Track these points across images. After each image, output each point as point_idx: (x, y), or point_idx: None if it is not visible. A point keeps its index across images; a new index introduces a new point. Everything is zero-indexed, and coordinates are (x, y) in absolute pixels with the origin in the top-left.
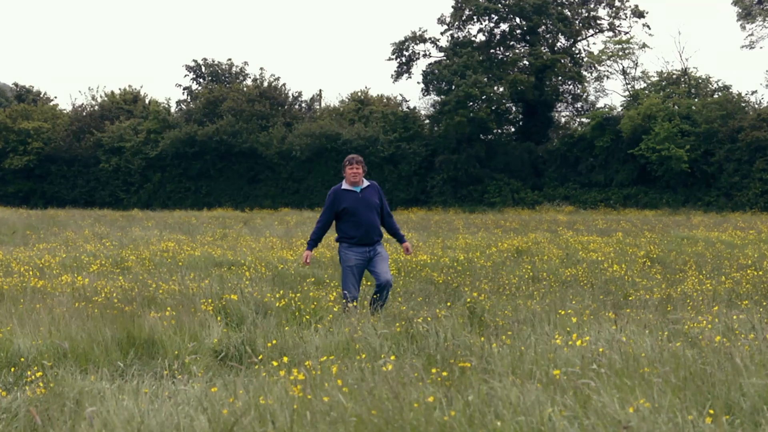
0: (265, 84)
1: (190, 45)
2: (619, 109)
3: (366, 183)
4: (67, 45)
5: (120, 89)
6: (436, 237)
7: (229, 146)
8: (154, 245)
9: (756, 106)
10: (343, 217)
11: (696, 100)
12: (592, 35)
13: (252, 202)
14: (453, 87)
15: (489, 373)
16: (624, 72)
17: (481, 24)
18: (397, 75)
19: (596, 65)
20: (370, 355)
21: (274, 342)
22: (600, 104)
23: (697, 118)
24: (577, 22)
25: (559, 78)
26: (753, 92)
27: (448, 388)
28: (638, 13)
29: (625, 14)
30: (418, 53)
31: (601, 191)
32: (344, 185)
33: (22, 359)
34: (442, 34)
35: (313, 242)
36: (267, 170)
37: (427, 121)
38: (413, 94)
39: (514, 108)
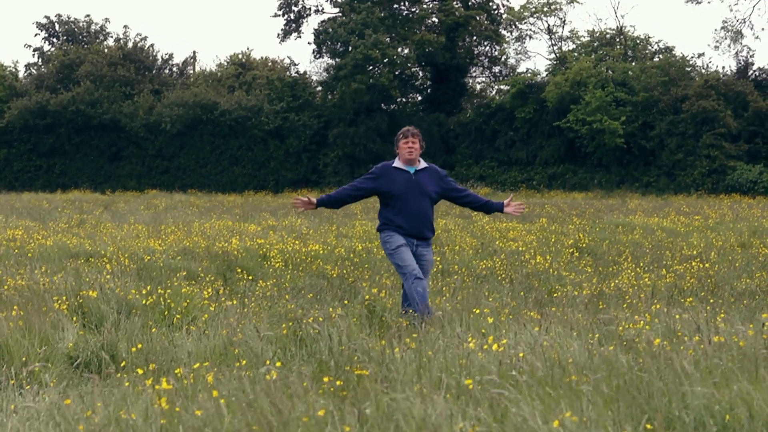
0: (130, 45)
1: None
2: (544, 74)
3: (423, 164)
4: None
5: None
6: (329, 224)
7: (87, 117)
8: None
9: (703, 71)
10: (388, 201)
11: (633, 64)
12: None
13: (114, 183)
14: (350, 48)
15: (390, 383)
16: (549, 31)
17: None
18: (285, 34)
19: (517, 23)
20: (252, 362)
21: (140, 346)
22: (521, 69)
23: (634, 85)
24: None
25: (474, 38)
26: (699, 55)
27: (342, 399)
28: None
29: None
30: (309, 9)
31: (523, 170)
32: (396, 162)
33: None
34: None
35: (327, 198)
36: (132, 146)
37: (320, 88)
38: (303, 57)
39: (421, 73)
